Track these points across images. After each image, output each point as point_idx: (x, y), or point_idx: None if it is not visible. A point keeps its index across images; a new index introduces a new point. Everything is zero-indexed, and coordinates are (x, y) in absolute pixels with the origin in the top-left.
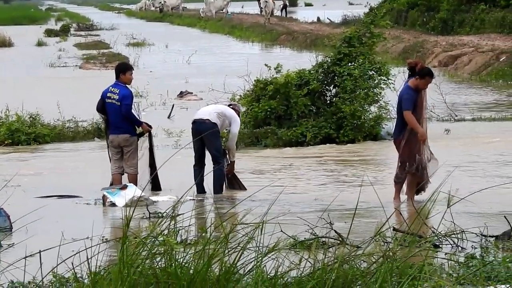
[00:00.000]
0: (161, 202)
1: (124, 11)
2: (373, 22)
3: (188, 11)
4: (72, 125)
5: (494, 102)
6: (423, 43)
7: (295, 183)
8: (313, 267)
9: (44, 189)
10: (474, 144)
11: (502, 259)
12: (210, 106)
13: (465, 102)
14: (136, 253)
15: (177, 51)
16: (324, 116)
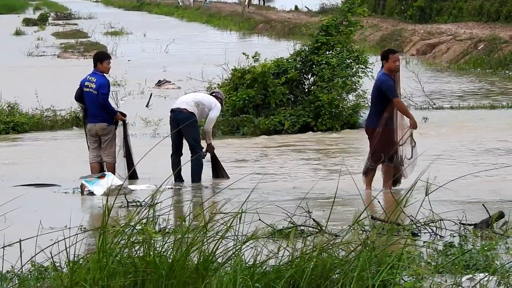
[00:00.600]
0: (139, 191)
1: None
2: (350, 10)
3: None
4: (50, 114)
5: (472, 91)
6: (401, 31)
7: (273, 172)
8: (292, 256)
9: (23, 178)
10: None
11: (480, 248)
12: (188, 95)
13: (443, 91)
14: (115, 242)
15: (155, 40)
16: (302, 105)
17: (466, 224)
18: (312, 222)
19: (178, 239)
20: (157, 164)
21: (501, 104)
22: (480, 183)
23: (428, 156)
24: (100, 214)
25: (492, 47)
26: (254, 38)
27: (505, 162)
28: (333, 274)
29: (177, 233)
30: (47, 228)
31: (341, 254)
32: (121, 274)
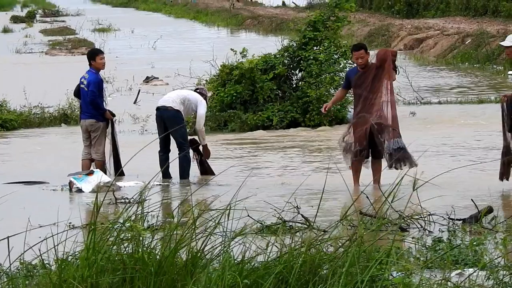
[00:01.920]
0: (127, 187)
1: None
2: (337, 5)
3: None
4: (38, 111)
5: (460, 85)
6: (388, 26)
7: (262, 168)
8: (280, 252)
9: (11, 175)
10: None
11: (469, 243)
12: (174, 92)
13: (431, 85)
14: (103, 239)
15: (143, 36)
16: (290, 100)
17: (455, 219)
18: (300, 217)
19: (166, 235)
20: (145, 161)
21: (489, 99)
22: (469, 178)
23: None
24: (89, 211)
25: (480, 41)
26: (241, 34)
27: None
28: (322, 269)
29: (166, 230)
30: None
31: (329, 250)
32: (110, 271)
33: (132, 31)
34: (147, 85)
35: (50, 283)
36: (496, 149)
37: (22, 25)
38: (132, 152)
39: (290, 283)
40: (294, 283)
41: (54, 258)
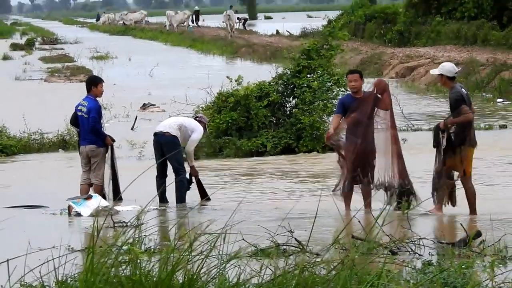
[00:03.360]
0: (125, 211)
1: (87, 25)
2: (331, 34)
3: (151, 24)
4: (37, 137)
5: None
6: (380, 55)
7: (256, 193)
8: (274, 274)
9: (11, 200)
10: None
11: (458, 266)
12: (171, 118)
13: (422, 113)
14: (102, 261)
15: (140, 64)
16: (284, 127)
17: (444, 243)
18: (294, 241)
19: (163, 258)
20: (143, 186)
21: (478, 126)
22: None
23: None
24: (87, 234)
25: (470, 69)
26: (236, 61)
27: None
28: None
29: (163, 253)
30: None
31: (322, 273)
32: None
33: (130, 58)
34: (144, 111)
35: None
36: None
37: (22, 52)
38: (130, 177)
39: None
40: None
41: (54, 280)
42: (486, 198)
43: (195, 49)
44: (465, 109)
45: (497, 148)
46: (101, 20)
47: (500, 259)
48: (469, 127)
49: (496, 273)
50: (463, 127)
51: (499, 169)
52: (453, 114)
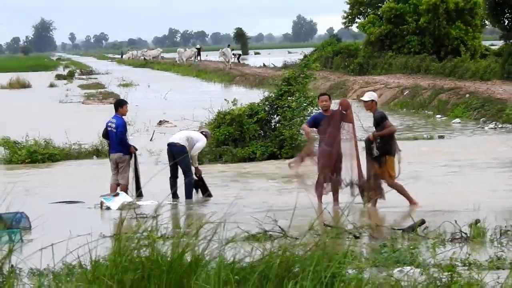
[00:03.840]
0: (145, 206)
1: (115, 59)
2: (306, 66)
3: (166, 59)
4: (76, 147)
5: (400, 126)
6: (345, 81)
7: (248, 190)
8: (262, 255)
9: (55, 197)
10: None
11: (407, 247)
12: (181, 132)
13: None
14: (127, 245)
15: (157, 89)
16: (269, 138)
17: (396, 229)
18: (278, 228)
19: (175, 242)
20: (159, 185)
21: (422, 136)
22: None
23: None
24: (115, 224)
25: (415, 92)
26: (233, 88)
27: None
28: (294, 268)
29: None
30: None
31: (300, 253)
32: (132, 270)
33: (149, 85)
34: (160, 127)
35: (86, 280)
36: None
37: (64, 81)
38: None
39: (270, 279)
40: (273, 279)
41: (89, 260)
42: (430, 193)
43: (200, 78)
44: (389, 124)
45: (437, 153)
46: (125, 56)
47: (440, 241)
48: (391, 139)
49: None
50: (387, 140)
51: (440, 169)
52: (378, 129)
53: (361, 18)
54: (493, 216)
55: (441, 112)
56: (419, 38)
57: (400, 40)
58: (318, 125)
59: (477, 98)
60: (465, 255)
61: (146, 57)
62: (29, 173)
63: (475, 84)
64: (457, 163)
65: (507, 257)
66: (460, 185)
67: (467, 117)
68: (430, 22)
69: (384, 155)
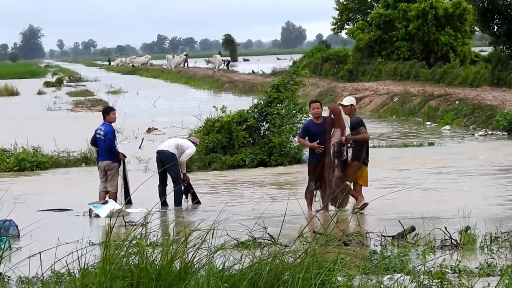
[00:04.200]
0: (134, 213)
1: (104, 66)
2: (295, 72)
3: (154, 66)
4: (65, 155)
5: (389, 133)
6: (334, 88)
7: (237, 197)
8: (252, 262)
9: (44, 204)
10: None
11: (397, 254)
12: (170, 139)
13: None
14: (116, 253)
15: (145, 96)
16: (258, 145)
17: (386, 236)
18: (267, 235)
19: (164, 250)
20: (148, 193)
21: (412, 143)
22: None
23: None
24: (104, 231)
25: (405, 99)
26: (222, 94)
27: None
28: (284, 276)
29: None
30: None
31: (290, 260)
32: (121, 278)
33: (137, 93)
34: (149, 134)
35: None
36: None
37: (53, 88)
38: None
39: (260, 286)
40: (263, 286)
41: (78, 268)
42: (420, 200)
43: (189, 85)
44: (363, 130)
45: (427, 160)
46: (114, 62)
47: (430, 248)
48: (365, 147)
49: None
50: (361, 147)
51: (430, 176)
52: (353, 133)
53: (350, 24)
54: (483, 223)
55: (431, 119)
56: (409, 44)
57: (389, 46)
58: (311, 133)
59: (467, 104)
60: (455, 262)
61: (134, 64)
62: (17, 181)
63: (464, 90)
64: (447, 170)
65: (497, 264)
66: (450, 192)
67: (457, 124)
68: (419, 28)
69: (354, 160)
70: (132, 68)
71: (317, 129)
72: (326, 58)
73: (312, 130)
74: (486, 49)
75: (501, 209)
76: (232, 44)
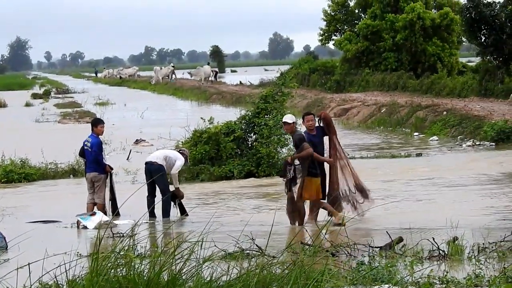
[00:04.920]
0: (122, 224)
1: (92, 78)
2: (283, 83)
3: (142, 77)
4: (53, 166)
5: (377, 144)
6: (322, 99)
7: (225, 208)
8: (240, 273)
9: (32, 216)
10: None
11: (385, 265)
12: (158, 151)
13: (355, 144)
14: (104, 264)
15: (133, 108)
16: (246, 157)
17: (374, 247)
18: (255, 246)
19: (152, 261)
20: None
21: (399, 154)
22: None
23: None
24: (92, 243)
25: (392, 110)
26: (209, 106)
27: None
28: (272, 287)
29: (152, 257)
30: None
31: (277, 271)
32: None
33: (125, 104)
34: (137, 146)
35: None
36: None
37: (40, 100)
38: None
39: None
40: None
41: (66, 280)
42: (407, 210)
43: (176, 96)
44: (307, 145)
45: (415, 171)
46: (101, 74)
47: (418, 259)
48: (308, 161)
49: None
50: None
51: (417, 187)
52: (298, 151)
53: (337, 35)
54: (471, 233)
55: (419, 130)
56: (396, 55)
57: (377, 57)
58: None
59: (455, 115)
60: (443, 273)
61: (122, 76)
62: (5, 192)
63: (452, 101)
64: (435, 181)
65: (485, 274)
66: (438, 203)
67: (445, 134)
68: (406, 38)
69: (303, 177)
70: (120, 80)
71: (315, 140)
72: (314, 69)
73: (311, 140)
74: (474, 60)
75: (489, 220)
76: (220, 55)
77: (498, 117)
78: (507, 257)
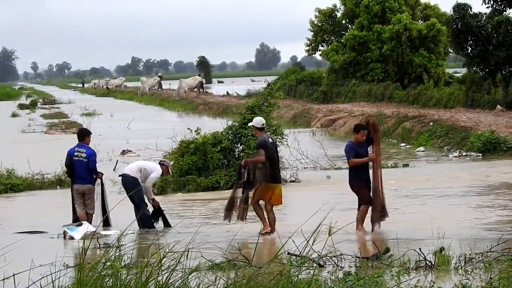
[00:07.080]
0: (109, 235)
1: (78, 88)
2: (270, 94)
3: (128, 88)
4: (39, 177)
5: None
6: (308, 110)
7: (212, 219)
8: (226, 284)
9: (18, 227)
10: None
11: (371, 275)
12: (135, 162)
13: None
14: (90, 275)
15: (120, 119)
16: (233, 167)
17: (360, 257)
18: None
19: (138, 272)
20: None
21: (386, 165)
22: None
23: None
24: (79, 253)
25: (379, 120)
26: (196, 117)
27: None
28: None
29: (138, 267)
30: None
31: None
32: None
33: (112, 115)
34: (123, 156)
35: None
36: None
37: (27, 111)
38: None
39: None
40: None
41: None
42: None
43: (163, 107)
44: (261, 152)
45: (402, 182)
46: (88, 85)
47: (405, 269)
48: (264, 167)
49: (401, 280)
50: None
51: (404, 198)
52: (251, 155)
53: (324, 46)
54: (457, 244)
55: (405, 140)
56: (383, 66)
57: (363, 68)
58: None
59: (441, 126)
60: (430, 283)
61: (109, 86)
62: None
63: (439, 112)
64: (422, 192)
65: (471, 285)
66: (425, 213)
67: (431, 145)
68: (393, 49)
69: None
70: (107, 90)
71: (361, 151)
72: (301, 80)
73: (358, 151)
74: (460, 71)
75: (475, 230)
76: (207, 66)
77: (484, 127)
78: (493, 268)
